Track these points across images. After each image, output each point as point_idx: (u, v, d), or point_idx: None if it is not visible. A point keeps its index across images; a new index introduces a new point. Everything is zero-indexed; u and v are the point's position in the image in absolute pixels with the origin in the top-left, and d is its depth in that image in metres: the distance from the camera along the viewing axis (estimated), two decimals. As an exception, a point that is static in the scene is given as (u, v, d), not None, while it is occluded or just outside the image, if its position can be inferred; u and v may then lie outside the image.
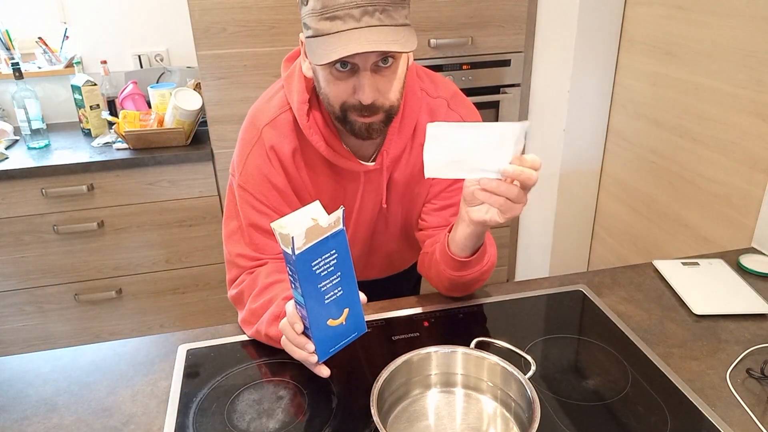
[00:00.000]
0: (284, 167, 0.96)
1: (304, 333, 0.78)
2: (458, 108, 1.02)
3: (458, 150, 0.77)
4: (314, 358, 0.78)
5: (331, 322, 0.78)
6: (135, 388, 0.87)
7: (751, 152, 1.39)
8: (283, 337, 0.81)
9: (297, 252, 0.70)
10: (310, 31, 0.81)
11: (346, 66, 0.82)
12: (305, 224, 0.71)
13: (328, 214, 0.73)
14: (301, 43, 0.89)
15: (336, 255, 0.74)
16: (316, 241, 0.71)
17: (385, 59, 0.82)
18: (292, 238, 0.68)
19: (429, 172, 0.79)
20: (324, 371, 0.81)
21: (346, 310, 0.78)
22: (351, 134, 0.90)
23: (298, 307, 0.77)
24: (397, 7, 0.80)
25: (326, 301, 0.76)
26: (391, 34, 0.78)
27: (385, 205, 1.03)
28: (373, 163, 0.98)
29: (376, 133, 0.89)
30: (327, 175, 0.99)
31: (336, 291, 0.76)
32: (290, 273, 0.73)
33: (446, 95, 1.02)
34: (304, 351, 0.78)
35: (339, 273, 0.75)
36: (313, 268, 0.72)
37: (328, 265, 0.74)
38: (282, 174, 0.97)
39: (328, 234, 0.72)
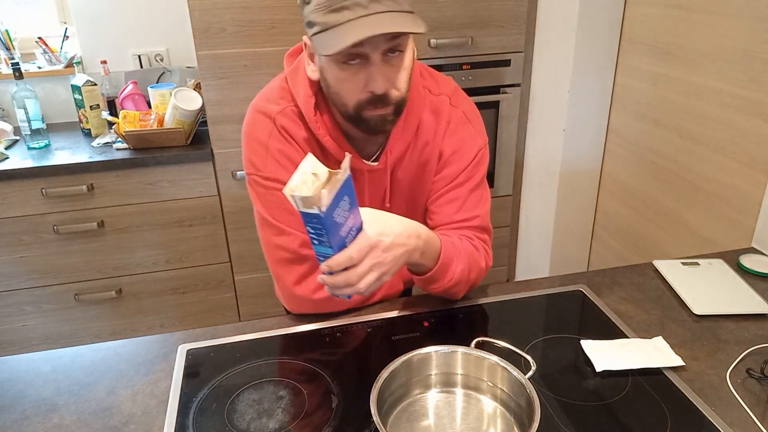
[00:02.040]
0: (302, 149, 0.95)
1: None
2: (460, 104, 1.03)
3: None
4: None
5: None
6: (135, 388, 0.87)
7: (751, 152, 1.39)
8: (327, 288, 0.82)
9: (324, 210, 0.71)
10: (317, 26, 0.81)
11: (356, 59, 0.82)
12: (313, 181, 0.72)
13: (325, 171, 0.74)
14: (305, 45, 0.88)
15: (348, 200, 0.76)
16: (334, 194, 0.72)
17: (393, 49, 0.82)
18: (320, 197, 0.70)
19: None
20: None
21: None
22: (366, 131, 0.89)
23: (323, 260, 0.79)
24: None
25: (347, 244, 0.79)
26: (399, 18, 0.79)
27: (388, 205, 1.03)
28: (377, 163, 0.98)
29: (390, 125, 0.89)
30: None
31: (351, 232, 0.79)
32: (315, 231, 0.75)
33: (447, 92, 1.02)
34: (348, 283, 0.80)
35: (351, 214, 0.78)
36: (335, 219, 0.74)
37: (343, 211, 0.76)
38: (303, 155, 0.95)
39: (343, 183, 0.73)
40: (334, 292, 0.81)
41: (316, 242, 0.77)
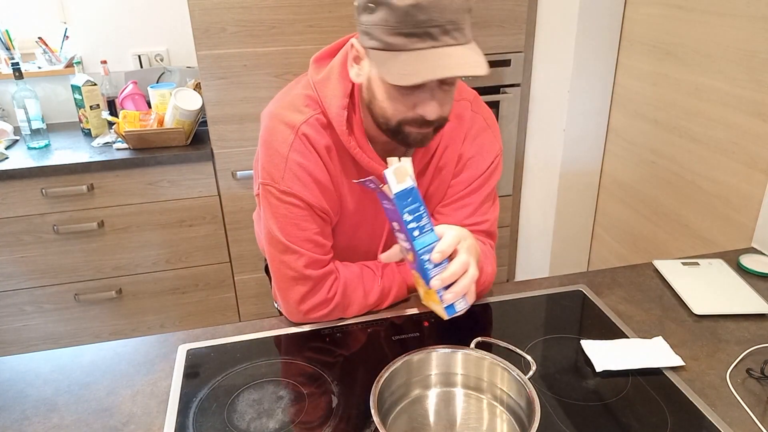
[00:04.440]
0: (323, 161, 0.93)
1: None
2: (480, 110, 1.03)
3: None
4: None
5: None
6: (135, 388, 0.87)
7: (751, 152, 1.39)
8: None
9: (414, 181, 0.76)
10: (377, 42, 0.79)
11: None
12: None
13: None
14: (352, 46, 0.85)
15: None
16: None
17: (451, 80, 0.81)
18: (409, 163, 0.76)
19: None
20: None
21: None
22: (402, 143, 0.89)
23: (426, 258, 0.79)
24: (468, 23, 0.79)
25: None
26: (469, 55, 0.77)
27: None
28: None
29: (428, 141, 0.89)
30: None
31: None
32: (414, 215, 0.77)
33: (469, 97, 1.02)
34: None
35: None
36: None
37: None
38: (323, 167, 0.93)
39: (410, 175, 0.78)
40: (452, 301, 0.81)
41: (416, 233, 0.77)
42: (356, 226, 1.03)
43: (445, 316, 0.81)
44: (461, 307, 0.81)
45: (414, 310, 1.03)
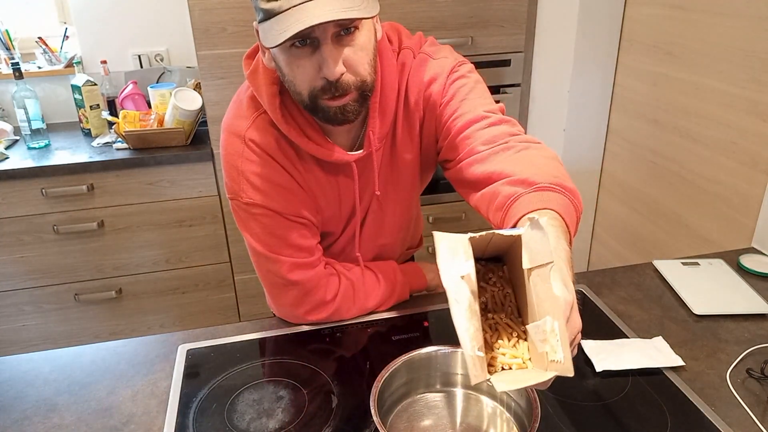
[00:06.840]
0: (279, 163, 0.90)
1: None
2: (425, 51, 0.94)
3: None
4: None
5: None
6: (135, 388, 0.87)
7: (751, 152, 1.39)
8: None
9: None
10: (261, 14, 0.76)
11: (305, 42, 0.76)
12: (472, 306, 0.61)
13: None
14: (257, 32, 0.83)
15: None
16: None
17: (347, 29, 0.76)
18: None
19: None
20: None
21: None
22: (325, 122, 0.84)
23: None
24: None
25: None
26: (338, 3, 0.72)
27: (378, 192, 0.97)
28: (361, 151, 0.92)
29: (352, 115, 0.82)
30: (319, 172, 0.94)
31: None
32: None
33: (410, 44, 0.94)
34: None
35: None
36: None
37: None
38: (281, 169, 0.90)
39: None
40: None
41: None
42: (328, 218, 1.00)
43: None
44: None
45: (414, 310, 1.03)
